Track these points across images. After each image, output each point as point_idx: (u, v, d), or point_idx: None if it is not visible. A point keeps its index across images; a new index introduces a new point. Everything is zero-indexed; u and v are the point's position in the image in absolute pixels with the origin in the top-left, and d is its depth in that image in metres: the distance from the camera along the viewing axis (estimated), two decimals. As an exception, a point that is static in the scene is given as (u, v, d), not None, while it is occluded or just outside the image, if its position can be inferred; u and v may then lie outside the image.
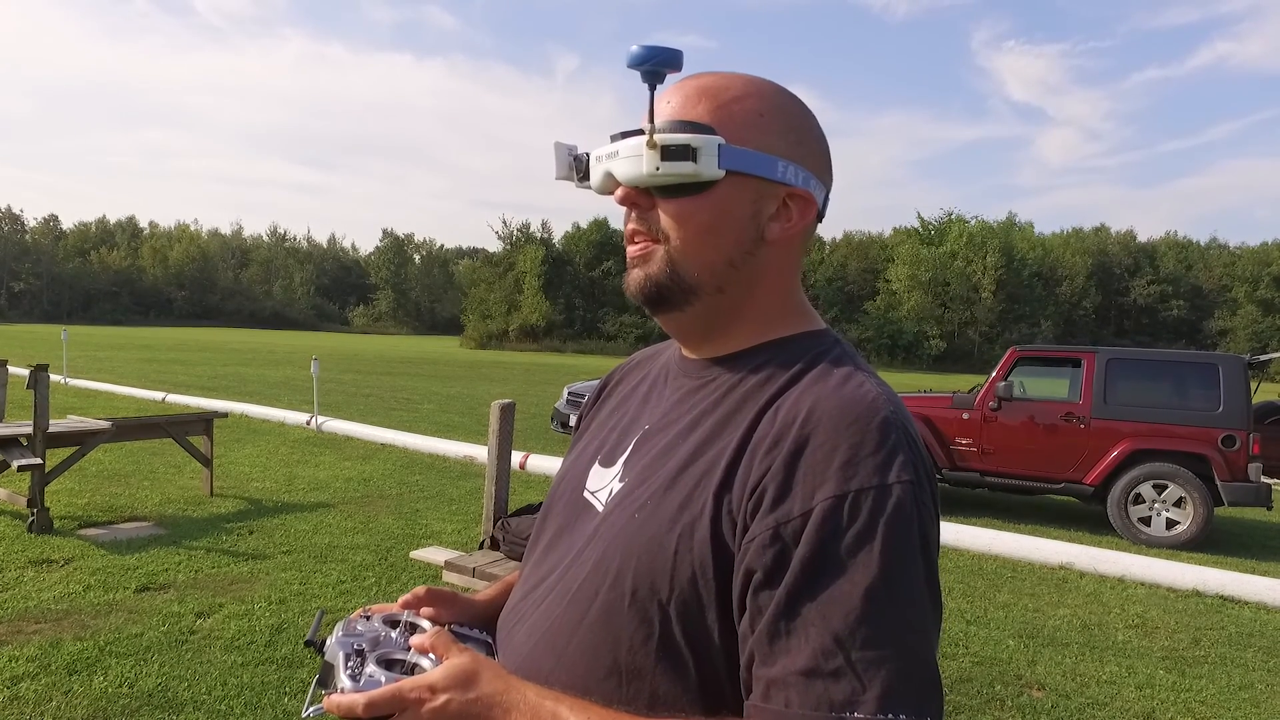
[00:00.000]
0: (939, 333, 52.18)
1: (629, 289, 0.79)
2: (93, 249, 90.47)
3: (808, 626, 0.61)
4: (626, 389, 0.95)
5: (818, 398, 0.70)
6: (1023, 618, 4.60)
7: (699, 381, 0.81)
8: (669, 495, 0.73)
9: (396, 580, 4.54)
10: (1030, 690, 3.63)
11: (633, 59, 0.72)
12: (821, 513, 0.63)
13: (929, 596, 0.64)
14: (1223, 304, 59.70)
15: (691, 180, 0.73)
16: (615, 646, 0.70)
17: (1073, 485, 7.13)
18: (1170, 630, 4.54)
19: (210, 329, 68.89)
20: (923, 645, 0.62)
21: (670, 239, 0.76)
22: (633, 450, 0.82)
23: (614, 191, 0.78)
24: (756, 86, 0.77)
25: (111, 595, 4.05)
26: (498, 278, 59.60)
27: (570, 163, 0.83)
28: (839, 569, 0.62)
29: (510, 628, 0.82)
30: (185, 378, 17.11)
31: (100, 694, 3.02)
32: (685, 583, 0.68)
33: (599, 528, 0.78)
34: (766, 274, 0.78)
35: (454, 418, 12.42)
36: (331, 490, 6.81)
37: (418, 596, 0.86)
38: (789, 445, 0.67)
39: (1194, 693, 3.71)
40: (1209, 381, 6.81)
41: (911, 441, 0.68)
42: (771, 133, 0.75)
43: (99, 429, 5.70)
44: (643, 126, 0.75)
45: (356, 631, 0.78)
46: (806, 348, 0.78)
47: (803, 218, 0.78)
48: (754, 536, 0.66)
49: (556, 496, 0.89)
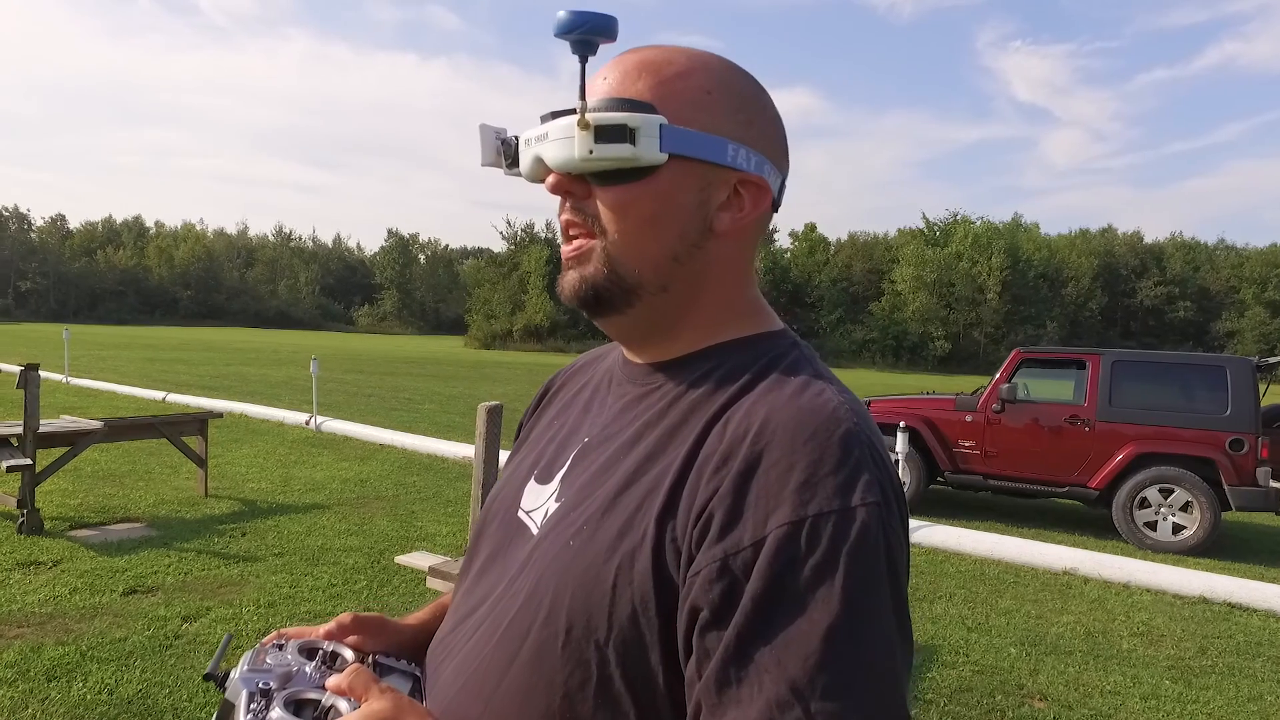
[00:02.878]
0: (944, 334, 51.99)
1: (563, 293, 0.71)
2: (99, 248, 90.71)
3: (761, 674, 0.53)
4: (568, 396, 0.86)
5: (771, 408, 0.62)
6: (1025, 625, 4.52)
7: (642, 389, 0.73)
8: (607, 519, 0.65)
9: (388, 584, 4.48)
10: (1032, 700, 3.55)
11: (560, 26, 0.63)
12: (775, 542, 0.55)
13: (898, 635, 0.56)
14: (1230, 306, 59.32)
15: (630, 165, 0.65)
16: (549, 691, 0.62)
17: (1077, 489, 7.04)
18: (1176, 638, 4.44)
19: (215, 328, 69.02)
20: (891, 693, 0.54)
21: (608, 232, 0.68)
22: (571, 465, 0.74)
23: (545, 179, 0.70)
24: (703, 61, 0.69)
25: (98, 598, 3.99)
26: (502, 278, 59.61)
27: (498, 147, 0.75)
28: (796, 607, 0.54)
29: (439, 662, 0.74)
30: (187, 377, 17.10)
31: (78, 701, 2.96)
32: (625, 620, 0.60)
33: (533, 553, 0.70)
34: (715, 269, 0.70)
35: (454, 418, 12.35)
36: (327, 491, 6.75)
37: (342, 625, 0.78)
38: (739, 463, 0.59)
39: (1201, 704, 3.62)
40: (1216, 384, 6.71)
41: (877, 458, 0.60)
42: (720, 112, 0.67)
43: (90, 429, 5.64)
44: (574, 105, 0.67)
45: (264, 666, 0.70)
46: (760, 351, 0.70)
47: (755, 206, 0.70)
48: (700, 569, 0.58)
49: (490, 515, 0.81)
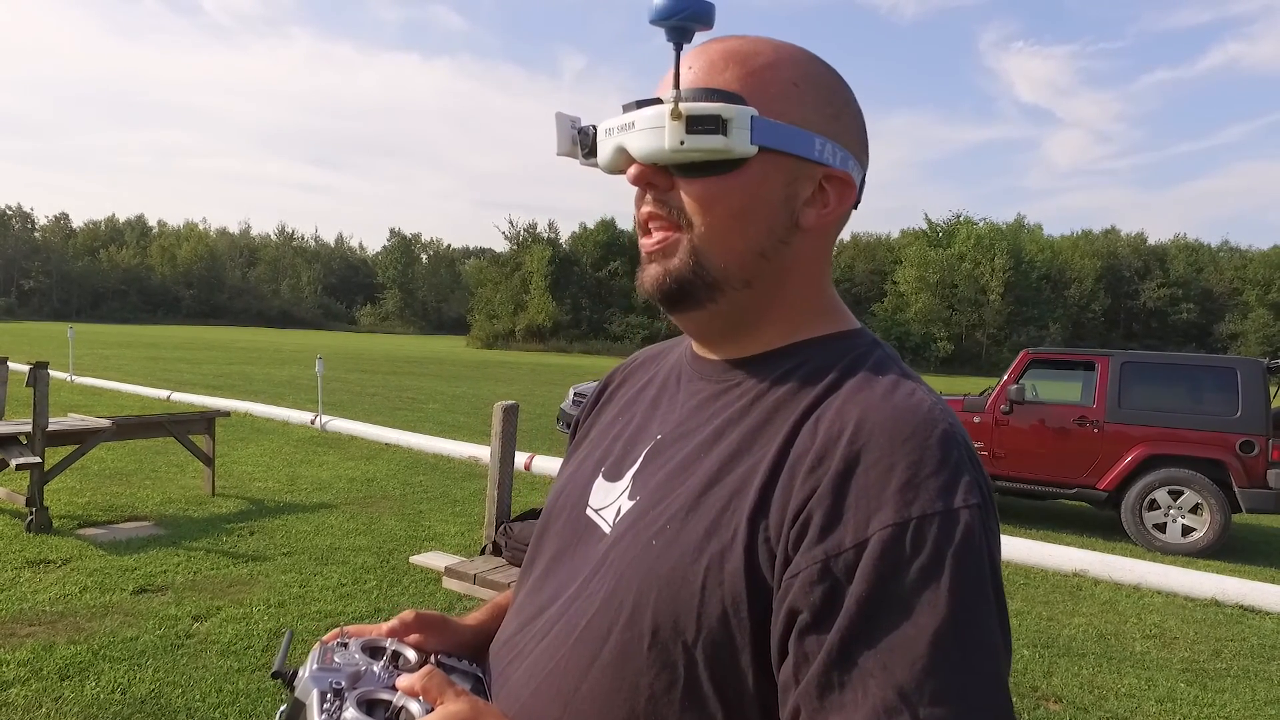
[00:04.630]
0: (946, 335, 51.90)
1: (644, 287, 0.70)
2: (102, 247, 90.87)
3: (866, 678, 0.52)
4: (630, 392, 0.84)
5: (865, 408, 0.61)
6: (1037, 626, 4.50)
7: (720, 385, 0.72)
8: (692, 519, 0.63)
9: (398, 584, 4.46)
10: (1047, 703, 3.53)
11: (656, 12, 0.61)
12: (880, 543, 0.54)
13: (1002, 639, 0.55)
14: (1234, 308, 59.25)
15: (721, 157, 0.64)
16: (633, 695, 0.61)
17: (1086, 490, 7.01)
18: (1190, 641, 4.42)
19: (217, 328, 69.09)
20: (999, 698, 0.53)
21: (695, 225, 0.66)
22: (643, 463, 0.72)
23: (625, 170, 0.68)
24: (789, 53, 0.68)
25: (108, 597, 3.98)
26: (504, 278, 59.56)
27: (574, 136, 0.73)
28: (902, 610, 0.53)
29: (506, 664, 0.72)
30: (191, 376, 17.09)
31: (91, 700, 2.94)
32: (714, 622, 0.59)
33: (609, 553, 0.68)
34: (799, 266, 0.69)
35: (459, 418, 12.35)
36: (334, 490, 6.74)
37: (405, 623, 0.76)
38: (836, 463, 0.58)
39: (1218, 707, 3.60)
40: (1227, 385, 6.68)
41: (974, 459, 0.59)
42: (807, 106, 0.66)
43: (99, 427, 5.63)
44: (661, 94, 0.64)
45: (334, 665, 0.68)
46: (843, 350, 0.69)
47: (840, 202, 0.69)
48: (798, 571, 0.56)
49: (554, 513, 0.79)
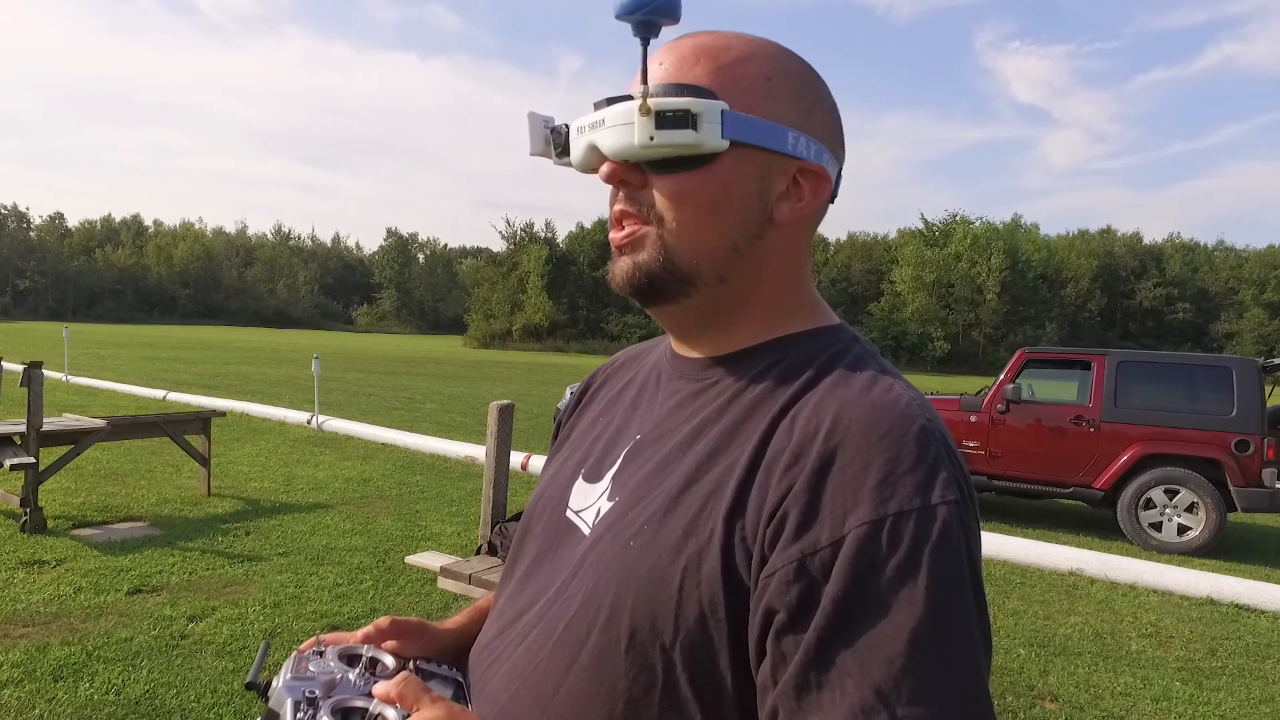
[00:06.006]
0: (943, 334, 51.93)
1: (615, 280, 0.69)
2: (98, 247, 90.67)
3: (844, 678, 0.51)
4: (611, 392, 0.84)
5: (842, 404, 0.60)
6: (1033, 625, 4.50)
7: (698, 384, 0.71)
8: (670, 519, 0.63)
9: (394, 584, 4.45)
10: (1043, 702, 3.53)
11: (621, 7, 0.61)
12: (856, 541, 0.54)
13: (981, 637, 0.54)
14: (1229, 307, 59.37)
15: (691, 152, 0.63)
16: (610, 697, 0.60)
17: (1082, 490, 7.02)
18: (1185, 640, 4.43)
19: (214, 327, 68.95)
20: (978, 697, 0.52)
21: (665, 221, 0.66)
22: (622, 464, 0.72)
23: (598, 168, 0.67)
24: (761, 47, 0.68)
25: (102, 598, 3.97)
26: (501, 277, 59.59)
27: (547, 135, 0.72)
28: (879, 608, 0.52)
29: (485, 668, 0.72)
30: (187, 376, 17.06)
31: (85, 701, 2.93)
32: (692, 623, 0.58)
33: (587, 555, 0.67)
34: (774, 261, 0.68)
35: (456, 417, 12.34)
36: (330, 490, 6.73)
37: (380, 629, 0.75)
38: (812, 461, 0.58)
39: (1213, 705, 3.60)
40: (1222, 385, 6.69)
41: (953, 454, 0.58)
42: (780, 100, 0.66)
43: (94, 428, 5.61)
44: (632, 90, 0.64)
45: (308, 674, 0.67)
46: (821, 346, 0.68)
47: (815, 196, 0.68)
48: (775, 570, 0.56)
49: (535, 516, 0.79)
